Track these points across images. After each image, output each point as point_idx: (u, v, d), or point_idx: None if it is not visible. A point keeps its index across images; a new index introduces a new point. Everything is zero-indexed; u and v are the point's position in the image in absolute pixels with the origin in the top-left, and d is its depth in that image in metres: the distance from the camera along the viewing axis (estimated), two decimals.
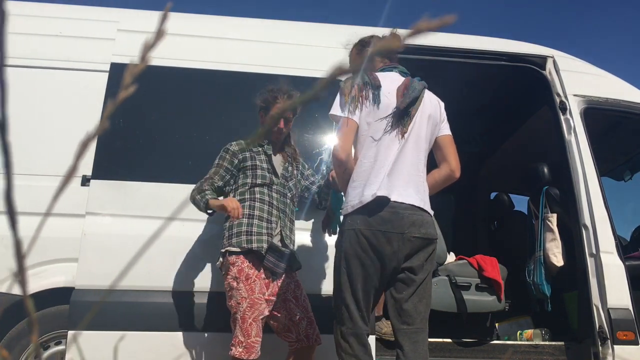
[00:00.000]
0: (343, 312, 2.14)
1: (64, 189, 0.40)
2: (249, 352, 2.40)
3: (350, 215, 2.16)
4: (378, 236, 2.10)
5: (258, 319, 2.44)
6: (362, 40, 2.53)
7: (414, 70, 2.61)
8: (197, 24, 3.47)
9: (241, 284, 2.46)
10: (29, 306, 0.40)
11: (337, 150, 2.22)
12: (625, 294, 3.06)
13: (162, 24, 0.40)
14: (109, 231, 2.81)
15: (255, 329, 2.42)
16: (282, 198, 2.69)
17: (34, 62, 3.13)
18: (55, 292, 2.76)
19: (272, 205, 2.64)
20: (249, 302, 2.44)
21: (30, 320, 0.40)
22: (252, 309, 2.44)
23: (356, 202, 2.14)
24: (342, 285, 2.15)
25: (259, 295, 2.47)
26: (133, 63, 0.41)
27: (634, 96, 3.65)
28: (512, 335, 3.50)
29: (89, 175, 2.89)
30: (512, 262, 3.71)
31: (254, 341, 2.41)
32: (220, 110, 3.21)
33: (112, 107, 0.40)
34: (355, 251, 2.11)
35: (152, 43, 0.40)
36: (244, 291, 2.45)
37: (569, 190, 3.31)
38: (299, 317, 2.56)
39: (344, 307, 2.14)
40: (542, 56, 3.62)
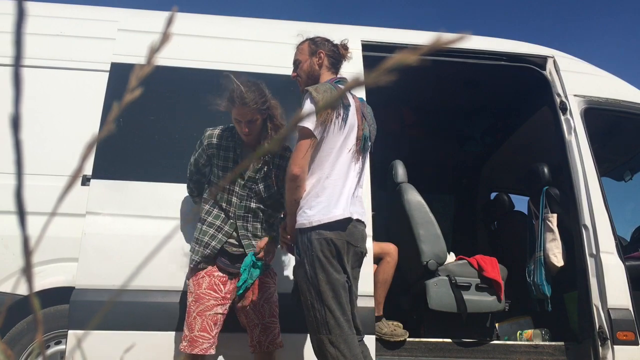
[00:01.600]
0: (329, 320, 2.11)
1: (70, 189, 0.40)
2: (192, 346, 2.39)
3: (316, 229, 2.18)
4: (344, 245, 2.19)
5: (204, 314, 2.43)
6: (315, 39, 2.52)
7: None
8: (198, 24, 3.47)
9: (190, 280, 2.52)
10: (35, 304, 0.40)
11: (295, 165, 2.20)
12: (625, 294, 3.06)
13: (168, 27, 0.40)
14: (109, 231, 2.81)
15: (200, 323, 2.41)
16: (244, 202, 2.53)
17: (34, 62, 3.13)
18: (55, 291, 2.76)
19: (228, 213, 2.52)
20: (194, 296, 2.47)
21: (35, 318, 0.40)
22: (197, 303, 2.45)
23: (324, 217, 2.18)
24: (323, 294, 2.12)
25: (206, 291, 2.46)
26: (139, 65, 0.41)
27: (634, 96, 3.65)
28: (512, 336, 3.50)
29: (89, 175, 2.89)
30: (512, 262, 3.71)
31: (197, 335, 2.40)
32: (221, 111, 3.21)
33: (118, 110, 0.40)
34: (328, 258, 2.15)
35: (158, 46, 0.40)
36: (191, 286, 2.50)
37: (569, 190, 3.31)
38: (253, 322, 2.54)
39: (329, 313, 2.11)
40: (543, 56, 3.62)
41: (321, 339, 2.12)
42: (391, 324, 3.19)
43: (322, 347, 2.12)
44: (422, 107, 4.76)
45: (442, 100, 4.58)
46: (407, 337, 3.15)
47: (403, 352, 3.12)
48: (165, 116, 3.15)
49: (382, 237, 3.42)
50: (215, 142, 2.57)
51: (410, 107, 4.81)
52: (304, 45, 2.52)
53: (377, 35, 3.53)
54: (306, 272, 2.16)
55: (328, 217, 2.17)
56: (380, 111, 4.76)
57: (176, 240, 2.85)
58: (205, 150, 2.59)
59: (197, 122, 3.17)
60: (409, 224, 3.40)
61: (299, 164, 2.19)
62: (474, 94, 4.41)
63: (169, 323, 2.74)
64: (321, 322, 2.12)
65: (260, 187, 2.54)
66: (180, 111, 3.17)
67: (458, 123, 5.03)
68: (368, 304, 2.81)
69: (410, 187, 3.49)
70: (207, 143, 2.58)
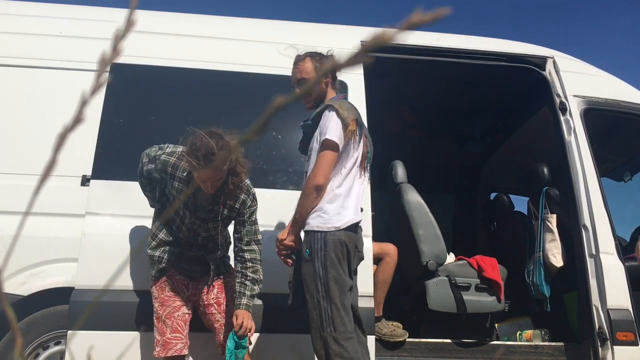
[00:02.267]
0: (335, 318, 2.19)
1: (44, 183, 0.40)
2: (166, 349, 2.40)
3: (331, 231, 2.30)
4: (353, 249, 2.34)
5: (172, 315, 2.44)
6: (316, 57, 2.58)
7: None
8: (197, 24, 3.47)
9: (154, 287, 2.50)
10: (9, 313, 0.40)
11: (322, 176, 2.32)
12: (625, 295, 3.06)
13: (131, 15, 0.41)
14: (109, 231, 2.81)
15: (170, 325, 2.42)
16: (192, 234, 2.49)
17: (34, 62, 3.13)
18: (55, 292, 2.76)
19: (178, 235, 2.50)
20: (159, 301, 2.47)
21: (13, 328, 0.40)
22: (163, 306, 2.45)
23: (338, 221, 2.32)
24: (331, 291, 2.21)
25: (170, 294, 2.48)
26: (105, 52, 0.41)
27: (634, 97, 3.65)
28: (512, 336, 3.50)
29: (89, 175, 2.89)
30: (511, 262, 3.71)
31: (170, 337, 2.41)
32: (221, 110, 3.21)
33: (87, 99, 0.40)
34: (340, 259, 2.27)
35: (123, 33, 0.40)
36: (155, 292, 2.50)
37: (569, 191, 3.31)
38: (219, 323, 2.55)
39: (336, 311, 2.20)
40: (542, 57, 3.63)
41: (325, 337, 2.18)
42: (391, 325, 3.19)
43: (326, 345, 2.18)
44: (422, 108, 4.76)
45: (442, 101, 4.58)
46: (406, 338, 3.15)
47: (403, 353, 3.12)
48: (165, 116, 3.15)
49: (381, 238, 3.42)
50: (177, 176, 2.40)
51: (410, 107, 4.82)
52: (307, 63, 2.54)
53: (372, 35, 3.53)
54: (316, 270, 2.25)
55: (344, 222, 2.32)
56: (381, 112, 4.78)
57: None
58: (164, 175, 2.44)
59: (196, 122, 3.17)
60: (408, 224, 3.40)
61: (325, 174, 2.33)
62: (474, 94, 4.41)
63: None
64: (326, 319, 2.19)
65: (210, 226, 2.50)
66: (179, 111, 3.17)
67: (458, 123, 5.03)
68: (368, 304, 2.81)
69: (410, 187, 3.49)
70: (170, 172, 2.41)
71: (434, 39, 3.53)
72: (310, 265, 2.28)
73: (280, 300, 2.81)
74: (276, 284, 2.84)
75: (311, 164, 2.42)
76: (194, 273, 2.54)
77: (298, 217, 2.36)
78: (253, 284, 2.47)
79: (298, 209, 2.37)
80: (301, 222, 2.35)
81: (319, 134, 2.39)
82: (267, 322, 2.81)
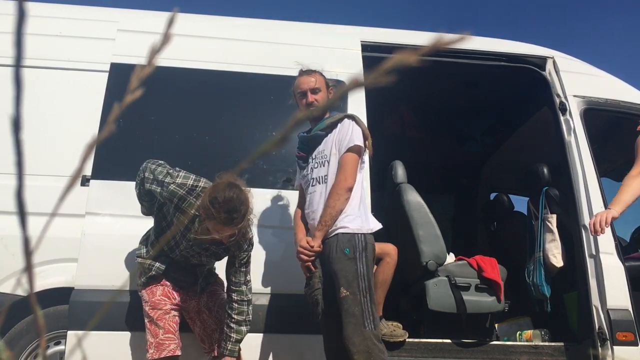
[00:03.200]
0: (375, 315, 2.33)
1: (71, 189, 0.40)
2: (160, 351, 2.40)
3: (369, 235, 2.46)
4: None
5: (163, 317, 2.45)
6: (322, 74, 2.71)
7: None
8: (197, 24, 3.47)
9: (144, 291, 2.51)
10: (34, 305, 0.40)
11: (352, 178, 2.47)
12: (625, 295, 3.06)
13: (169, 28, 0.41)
14: (109, 231, 2.81)
15: (162, 327, 2.43)
16: (184, 258, 2.53)
17: (34, 63, 3.13)
18: (55, 292, 2.76)
19: (169, 255, 2.52)
20: (150, 304, 2.47)
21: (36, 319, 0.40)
22: (154, 310, 2.46)
23: (372, 226, 2.51)
24: (372, 291, 2.35)
25: (160, 297, 2.48)
26: (140, 66, 0.41)
27: (634, 97, 3.65)
28: (512, 336, 3.49)
29: (89, 175, 2.89)
30: (511, 262, 3.71)
31: (163, 339, 2.42)
32: (220, 111, 3.21)
33: (119, 110, 0.40)
34: (373, 262, 2.46)
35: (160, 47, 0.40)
36: (145, 296, 2.50)
37: (569, 191, 3.31)
38: (211, 328, 2.59)
39: (375, 311, 2.34)
40: (542, 57, 3.63)
41: (367, 333, 2.27)
42: (391, 325, 3.19)
43: (369, 341, 2.26)
44: (422, 108, 4.76)
45: (442, 101, 4.58)
46: (406, 338, 3.14)
47: (403, 353, 3.12)
48: (165, 116, 3.15)
49: (381, 238, 3.41)
50: (182, 208, 2.37)
51: (410, 107, 4.82)
52: (318, 76, 2.67)
53: (377, 36, 3.53)
54: (358, 268, 2.35)
55: (375, 226, 2.53)
56: (381, 112, 4.77)
57: None
58: (168, 202, 2.39)
59: (196, 122, 3.17)
60: (408, 224, 3.39)
61: (354, 176, 2.48)
62: (474, 94, 4.41)
63: None
64: (369, 316, 2.30)
65: (203, 259, 2.54)
66: (179, 111, 3.17)
67: (458, 123, 5.03)
68: None
69: (409, 187, 3.49)
70: (175, 203, 2.36)
71: (434, 39, 3.53)
72: (352, 264, 2.35)
73: (281, 300, 2.81)
74: (277, 284, 2.84)
75: (331, 168, 2.52)
76: (183, 283, 2.56)
77: (329, 219, 2.42)
78: (239, 326, 2.47)
79: (329, 211, 2.42)
80: (330, 225, 2.42)
81: (340, 140, 2.53)
82: (268, 322, 2.81)
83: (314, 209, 2.55)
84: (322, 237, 2.43)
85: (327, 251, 2.42)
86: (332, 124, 2.59)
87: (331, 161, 2.53)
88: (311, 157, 2.64)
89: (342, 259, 2.36)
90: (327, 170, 2.54)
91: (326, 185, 2.51)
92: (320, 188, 2.54)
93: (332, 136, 2.57)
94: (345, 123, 2.57)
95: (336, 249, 2.39)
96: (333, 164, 2.52)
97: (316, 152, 2.61)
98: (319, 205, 2.51)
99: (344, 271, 2.34)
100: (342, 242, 2.39)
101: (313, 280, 2.45)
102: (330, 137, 2.57)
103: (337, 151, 2.52)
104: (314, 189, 2.58)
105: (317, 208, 2.52)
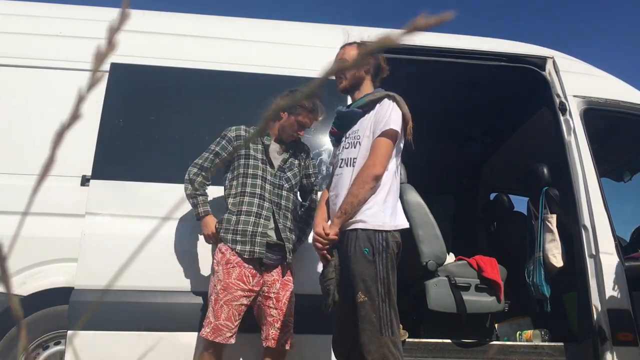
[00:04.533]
0: (393, 321, 2.15)
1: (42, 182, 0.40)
2: (216, 334, 2.42)
3: (391, 231, 2.23)
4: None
5: (231, 303, 2.46)
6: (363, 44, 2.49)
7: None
8: (197, 25, 3.47)
9: (220, 267, 2.52)
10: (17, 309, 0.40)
11: (381, 165, 2.23)
12: (625, 295, 3.06)
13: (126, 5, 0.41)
14: (109, 231, 2.81)
15: (226, 312, 2.45)
16: (276, 190, 2.67)
17: (34, 62, 3.13)
18: (55, 292, 2.76)
19: (263, 197, 2.62)
20: (223, 284, 2.48)
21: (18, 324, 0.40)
22: (225, 292, 2.47)
23: (397, 223, 2.28)
24: (391, 295, 2.16)
25: (235, 281, 2.49)
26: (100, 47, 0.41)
27: (634, 97, 3.65)
28: (512, 336, 3.49)
29: (89, 175, 2.89)
30: (511, 262, 3.71)
31: (222, 324, 2.43)
32: (220, 111, 3.21)
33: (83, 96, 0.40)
34: (396, 263, 2.23)
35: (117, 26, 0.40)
36: (220, 274, 2.51)
37: (569, 191, 3.31)
38: (273, 318, 2.58)
39: (394, 316, 2.16)
40: (542, 57, 3.63)
41: (385, 341, 2.10)
42: None
43: (385, 348, 2.10)
44: (422, 108, 4.76)
45: (442, 101, 4.58)
46: (406, 338, 3.14)
47: (403, 353, 3.12)
48: (165, 116, 3.15)
49: None
50: (243, 135, 2.74)
51: (410, 107, 4.80)
52: (353, 47, 2.46)
53: (377, 36, 3.53)
54: (378, 271, 2.15)
55: (401, 224, 2.29)
56: None
57: (176, 241, 2.86)
58: (231, 142, 2.73)
59: (196, 123, 3.17)
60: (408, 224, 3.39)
61: (384, 164, 2.24)
62: (474, 94, 4.41)
63: (168, 323, 2.74)
64: (386, 323, 2.12)
65: (289, 175, 2.74)
66: (179, 111, 3.17)
67: (458, 123, 5.03)
68: None
69: (410, 187, 3.49)
70: (234, 135, 2.73)
71: (434, 39, 3.53)
72: (371, 266, 2.15)
73: None
74: None
75: (362, 151, 2.30)
76: (268, 260, 2.58)
77: (349, 208, 2.20)
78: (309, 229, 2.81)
79: (350, 198, 2.20)
80: (351, 214, 2.20)
81: (376, 121, 2.30)
82: None
83: (337, 193, 2.33)
84: (339, 225, 2.22)
85: (345, 245, 2.22)
86: (371, 103, 2.36)
87: (363, 143, 2.31)
88: (345, 135, 2.42)
89: (361, 261, 2.16)
90: (357, 152, 2.31)
91: (354, 169, 2.29)
92: (348, 171, 2.31)
93: (368, 116, 2.34)
94: (384, 103, 2.32)
95: (355, 247, 2.18)
96: (364, 146, 2.30)
97: (350, 132, 2.39)
98: (342, 190, 2.30)
99: (362, 274, 2.15)
100: (362, 241, 2.18)
101: (327, 270, 2.25)
102: (366, 117, 2.34)
103: (371, 133, 2.30)
104: (341, 170, 2.36)
105: (340, 192, 2.31)
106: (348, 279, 2.19)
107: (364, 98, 2.38)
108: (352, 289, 2.17)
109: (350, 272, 2.18)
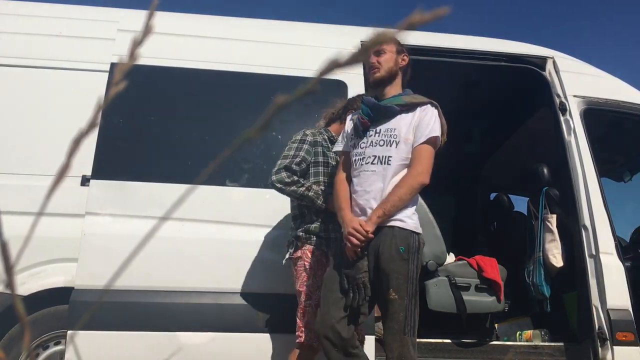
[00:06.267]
0: (416, 323, 2.18)
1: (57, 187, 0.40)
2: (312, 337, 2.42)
3: (421, 236, 2.28)
4: None
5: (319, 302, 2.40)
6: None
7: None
8: (197, 24, 3.47)
9: (304, 273, 2.53)
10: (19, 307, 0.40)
11: (428, 174, 2.28)
12: (625, 295, 3.06)
13: (150, 20, 0.41)
14: (109, 231, 2.81)
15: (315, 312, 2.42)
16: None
17: (34, 62, 3.13)
18: (55, 292, 2.76)
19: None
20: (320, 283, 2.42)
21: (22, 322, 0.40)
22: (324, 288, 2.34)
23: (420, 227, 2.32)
24: (417, 295, 2.20)
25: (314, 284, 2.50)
26: (122, 60, 0.41)
27: (634, 97, 3.65)
28: (512, 336, 3.50)
29: (89, 175, 2.89)
30: (511, 262, 3.71)
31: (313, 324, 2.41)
32: (220, 110, 3.21)
33: (104, 104, 0.40)
34: (421, 265, 2.30)
35: (141, 39, 0.41)
36: (307, 267, 2.53)
37: (569, 191, 3.31)
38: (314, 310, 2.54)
39: (417, 316, 2.19)
40: (542, 57, 3.63)
41: (406, 340, 2.13)
42: None
43: (404, 349, 2.12)
44: None
45: (442, 101, 4.57)
46: None
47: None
48: (165, 116, 3.15)
49: None
50: (319, 140, 2.71)
51: None
52: (391, 46, 2.44)
53: (373, 33, 3.52)
54: (409, 271, 2.18)
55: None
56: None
57: (175, 241, 2.85)
58: (314, 145, 2.67)
59: (196, 123, 3.17)
60: None
61: (429, 172, 2.28)
62: (474, 94, 4.41)
63: (168, 323, 2.74)
64: (409, 323, 2.15)
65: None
66: (179, 112, 3.17)
67: (458, 123, 5.02)
68: None
69: None
70: (313, 140, 2.68)
71: (434, 39, 3.53)
72: (405, 265, 2.17)
73: (281, 300, 2.81)
74: (277, 284, 2.84)
75: (399, 153, 2.28)
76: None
77: (392, 210, 2.20)
78: None
79: (397, 202, 2.20)
80: (389, 216, 2.21)
81: (419, 126, 2.30)
82: (268, 322, 2.81)
83: (367, 189, 2.28)
84: (378, 223, 2.21)
85: (380, 241, 2.20)
86: (411, 104, 2.34)
87: (400, 144, 2.28)
88: (375, 129, 2.34)
89: (397, 259, 2.16)
90: (394, 152, 2.27)
91: (388, 168, 2.25)
92: (381, 169, 2.27)
93: (409, 118, 2.31)
94: (429, 110, 2.34)
95: (391, 245, 2.18)
96: (402, 148, 2.27)
97: (383, 127, 2.33)
98: (374, 187, 2.26)
99: (396, 272, 2.15)
100: (399, 239, 2.18)
101: (362, 262, 2.21)
102: (406, 118, 2.31)
103: (412, 137, 2.28)
104: (372, 167, 2.29)
105: (372, 189, 2.26)
106: (378, 274, 2.20)
107: (401, 97, 2.38)
108: (383, 285, 2.19)
109: (384, 269, 2.18)
